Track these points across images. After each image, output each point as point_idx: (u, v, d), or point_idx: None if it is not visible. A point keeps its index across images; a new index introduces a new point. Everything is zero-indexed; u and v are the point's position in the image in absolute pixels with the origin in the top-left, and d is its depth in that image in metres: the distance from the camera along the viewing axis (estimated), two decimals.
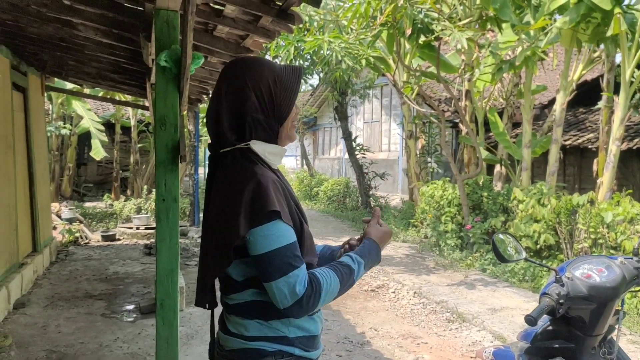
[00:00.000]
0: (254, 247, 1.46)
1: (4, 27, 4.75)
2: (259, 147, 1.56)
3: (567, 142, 10.50)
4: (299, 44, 8.72)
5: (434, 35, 7.51)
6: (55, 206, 11.02)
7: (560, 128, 8.15)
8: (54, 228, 9.08)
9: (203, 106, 11.67)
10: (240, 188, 1.47)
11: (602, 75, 8.71)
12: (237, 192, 1.47)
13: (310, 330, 1.60)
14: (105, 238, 9.86)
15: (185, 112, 10.78)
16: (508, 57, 8.24)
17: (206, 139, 16.19)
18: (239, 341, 1.56)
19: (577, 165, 11.39)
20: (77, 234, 9.70)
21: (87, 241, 9.72)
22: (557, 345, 2.16)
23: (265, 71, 1.59)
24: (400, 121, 15.27)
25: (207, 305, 1.65)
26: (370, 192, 14.18)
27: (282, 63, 1.71)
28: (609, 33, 6.57)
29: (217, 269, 1.55)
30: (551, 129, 8.71)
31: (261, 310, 1.54)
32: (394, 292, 6.66)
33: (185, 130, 11.54)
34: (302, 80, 1.60)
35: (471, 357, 4.62)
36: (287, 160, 27.89)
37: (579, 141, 10.48)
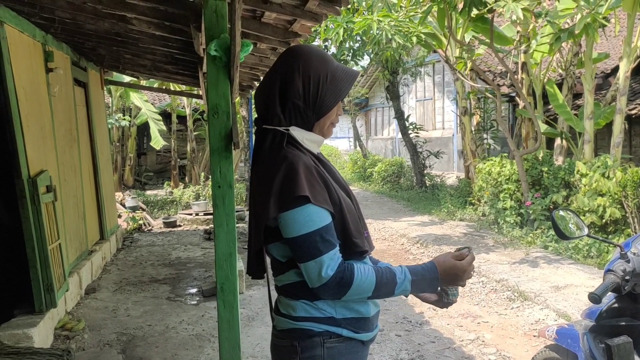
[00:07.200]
0: (285, 230, 1.51)
1: (63, 25, 4.94)
2: (298, 133, 1.58)
3: (632, 112, 9.98)
4: (348, 25, 8.65)
5: (487, 8, 7.27)
6: (119, 195, 11.50)
7: (625, 97, 7.76)
8: (119, 216, 9.47)
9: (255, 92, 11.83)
10: (273, 172, 1.51)
11: None
12: (270, 176, 1.51)
13: (360, 311, 1.59)
14: (167, 224, 10.20)
15: (238, 98, 10.94)
16: (567, 26, 7.89)
17: None
18: (288, 321, 1.60)
19: None
20: (141, 222, 10.08)
21: (150, 228, 10.10)
22: (623, 323, 2.09)
23: (321, 63, 1.59)
24: (453, 98, 14.97)
25: (257, 274, 1.72)
26: (425, 172, 14.02)
27: (336, 55, 1.67)
28: None
29: (253, 246, 1.64)
30: (615, 98, 8.30)
31: (306, 291, 1.56)
32: None
33: (238, 116, 11.72)
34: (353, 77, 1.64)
35: (534, 336, 4.53)
36: (339, 142, 27.87)
37: None
